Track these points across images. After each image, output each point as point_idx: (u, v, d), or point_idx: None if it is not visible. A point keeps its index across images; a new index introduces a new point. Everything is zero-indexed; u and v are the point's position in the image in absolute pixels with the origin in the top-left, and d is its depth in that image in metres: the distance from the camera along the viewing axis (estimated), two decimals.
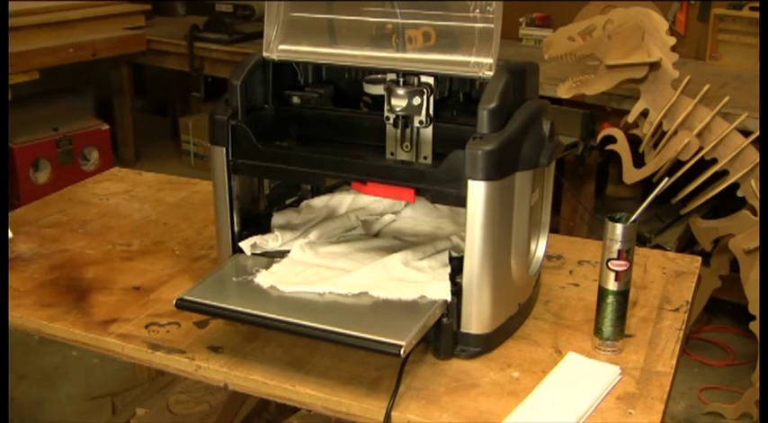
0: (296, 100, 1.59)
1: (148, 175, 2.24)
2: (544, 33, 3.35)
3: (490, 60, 1.34)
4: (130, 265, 1.71)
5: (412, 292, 1.37)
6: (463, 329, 1.37)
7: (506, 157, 1.31)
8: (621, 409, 1.26)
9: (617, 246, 1.35)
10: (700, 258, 1.77)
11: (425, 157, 1.49)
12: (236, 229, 1.53)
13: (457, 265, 1.42)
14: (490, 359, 1.39)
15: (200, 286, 1.42)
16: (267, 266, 1.47)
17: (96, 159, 4.32)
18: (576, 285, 1.64)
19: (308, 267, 1.47)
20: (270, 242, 1.54)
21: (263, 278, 1.43)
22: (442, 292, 1.36)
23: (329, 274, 1.45)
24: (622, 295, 1.38)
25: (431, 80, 1.43)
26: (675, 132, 2.49)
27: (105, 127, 4.36)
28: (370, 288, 1.38)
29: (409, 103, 1.42)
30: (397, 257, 1.45)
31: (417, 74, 1.43)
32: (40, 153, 4.10)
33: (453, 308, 1.35)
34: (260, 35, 1.51)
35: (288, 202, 1.71)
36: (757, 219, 2.46)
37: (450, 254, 1.49)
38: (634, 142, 2.62)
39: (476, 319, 1.37)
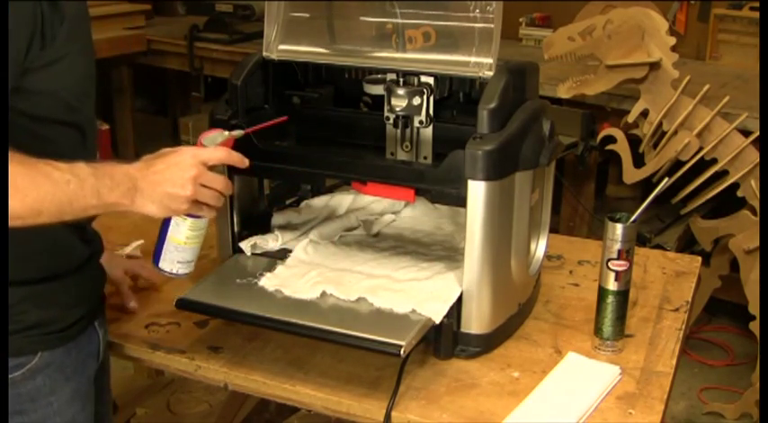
0: (296, 100, 1.58)
1: None
2: (544, 33, 3.34)
3: (490, 60, 1.34)
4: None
5: (407, 303, 1.34)
6: (463, 329, 1.37)
7: (506, 157, 1.31)
8: (621, 409, 1.26)
9: (617, 246, 1.34)
10: (700, 258, 1.77)
11: (425, 157, 1.49)
12: (236, 229, 1.53)
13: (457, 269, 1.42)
14: (490, 359, 1.38)
15: (200, 286, 1.42)
16: (269, 268, 1.46)
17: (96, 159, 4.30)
18: (576, 285, 1.64)
19: (312, 269, 1.46)
20: (270, 242, 1.54)
21: (268, 281, 1.42)
22: (436, 312, 1.33)
23: (332, 276, 1.43)
24: (622, 295, 1.38)
25: (431, 80, 1.43)
26: (675, 132, 2.49)
27: (105, 127, 4.32)
28: (369, 293, 1.37)
29: (409, 103, 1.42)
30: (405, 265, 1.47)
31: (417, 74, 1.43)
32: None
33: (453, 308, 1.35)
34: (260, 35, 1.51)
35: (288, 202, 1.71)
36: (757, 219, 2.46)
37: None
38: (634, 142, 2.62)
39: (476, 319, 1.37)
